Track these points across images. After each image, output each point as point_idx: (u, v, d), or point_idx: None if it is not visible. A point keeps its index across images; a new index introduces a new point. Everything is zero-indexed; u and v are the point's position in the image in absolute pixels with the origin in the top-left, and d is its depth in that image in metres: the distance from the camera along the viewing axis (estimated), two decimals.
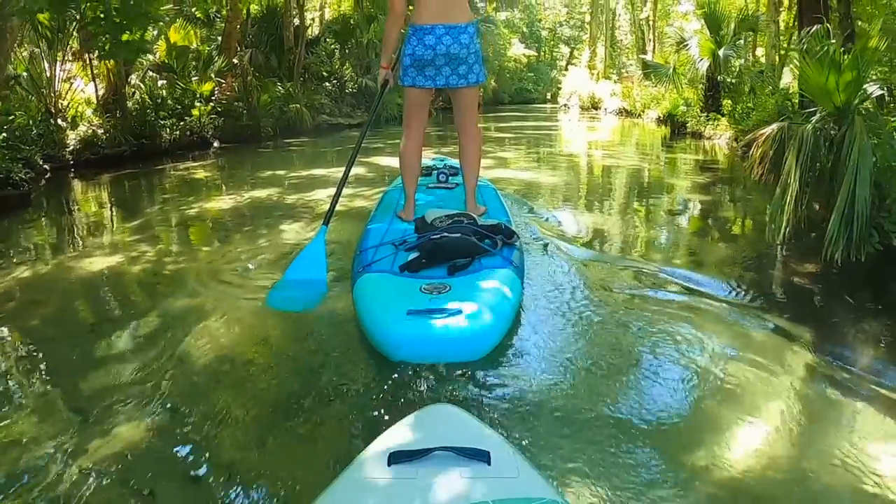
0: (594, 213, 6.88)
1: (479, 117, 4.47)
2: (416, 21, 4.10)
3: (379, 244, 3.75)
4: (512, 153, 12.54)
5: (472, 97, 4.40)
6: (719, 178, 9.69)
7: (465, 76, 4.19)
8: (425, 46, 4.05)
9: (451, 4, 4.07)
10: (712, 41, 15.98)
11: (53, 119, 11.69)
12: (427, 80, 4.18)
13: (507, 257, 3.56)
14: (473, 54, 4.16)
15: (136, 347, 3.31)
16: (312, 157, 12.62)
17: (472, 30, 4.13)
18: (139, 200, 8.13)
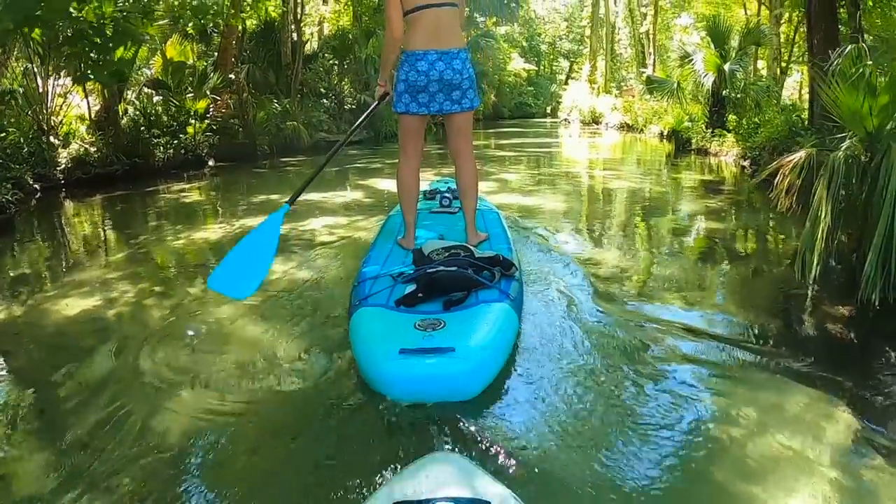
0: (599, 242, 6.47)
1: (479, 133, 4.16)
2: (409, 47, 4.10)
3: (377, 275, 3.72)
4: (514, 174, 12.04)
5: (467, 122, 4.37)
6: (732, 201, 9.28)
7: (459, 101, 4.18)
8: (418, 72, 4.06)
9: (444, 30, 4.08)
10: (717, 56, 15.66)
11: (46, 136, 11.41)
12: (421, 107, 4.17)
13: (505, 290, 3.51)
14: (467, 79, 4.16)
15: (102, 421, 2.92)
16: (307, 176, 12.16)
17: (464, 55, 4.15)
18: (126, 228, 7.74)
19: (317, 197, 8.72)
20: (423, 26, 4.06)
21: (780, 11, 21.60)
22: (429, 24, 4.06)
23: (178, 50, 15.85)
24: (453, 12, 4.15)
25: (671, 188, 10.63)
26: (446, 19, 4.10)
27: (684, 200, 9.34)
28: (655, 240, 6.72)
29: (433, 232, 4.71)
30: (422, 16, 4.06)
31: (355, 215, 7.31)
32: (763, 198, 9.64)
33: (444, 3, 4.09)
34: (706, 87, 16.05)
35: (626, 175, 12.23)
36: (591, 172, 13.21)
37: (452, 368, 2.84)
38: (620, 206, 8.79)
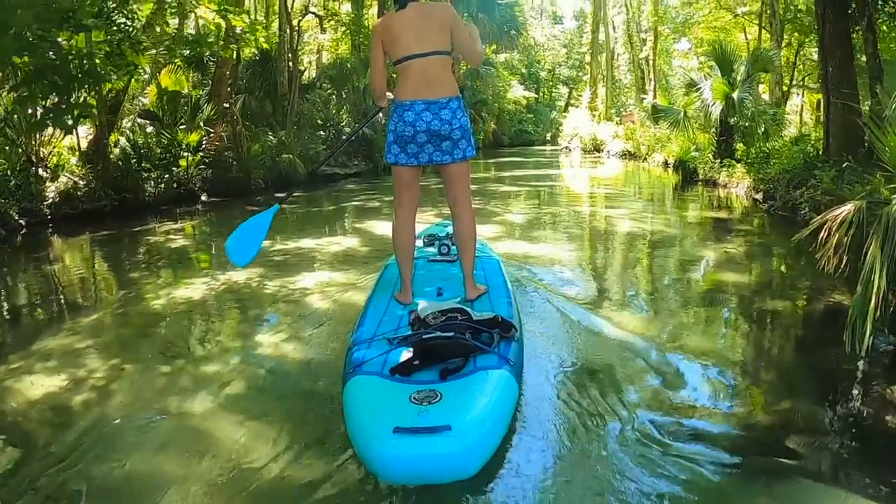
0: (606, 296, 5.84)
1: (478, 163, 3.71)
2: (397, 97, 4.05)
3: (372, 337, 3.59)
4: (515, 214, 11.33)
5: (461, 172, 4.21)
6: (752, 243, 8.64)
7: (450, 152, 4.06)
8: (405, 123, 3.98)
9: (432, 79, 3.99)
10: (725, 83, 15.21)
11: (35, 168, 11.03)
12: (410, 158, 4.07)
13: (504, 355, 3.34)
14: (458, 129, 4.02)
15: None
16: (304, 218, 11.55)
17: (454, 104, 4.02)
18: (107, 279, 7.22)
19: (310, 244, 8.12)
20: (411, 76, 4.00)
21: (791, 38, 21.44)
22: (416, 74, 3.99)
23: (173, 79, 15.48)
24: (443, 61, 4.06)
25: (684, 229, 9.97)
26: (434, 68, 4.01)
27: (700, 245, 8.68)
28: (671, 296, 5.99)
29: (431, 284, 4.57)
30: (409, 66, 4.01)
31: (350, 269, 6.53)
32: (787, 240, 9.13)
33: (432, 52, 4.00)
34: (714, 116, 15.53)
35: (635, 213, 11.58)
36: (597, 211, 12.44)
37: (449, 448, 2.68)
38: (631, 254, 8.10)
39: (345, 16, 26.71)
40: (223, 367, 4.13)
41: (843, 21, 11.00)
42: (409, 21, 4.02)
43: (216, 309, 5.55)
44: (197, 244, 9.18)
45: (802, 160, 11.74)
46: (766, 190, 12.00)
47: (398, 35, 4.02)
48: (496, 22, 29.63)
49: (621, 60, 45.65)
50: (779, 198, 10.80)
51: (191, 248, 8.79)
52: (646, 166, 24.11)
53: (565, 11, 67.60)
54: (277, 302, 5.56)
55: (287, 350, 4.40)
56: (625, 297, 5.83)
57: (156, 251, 8.51)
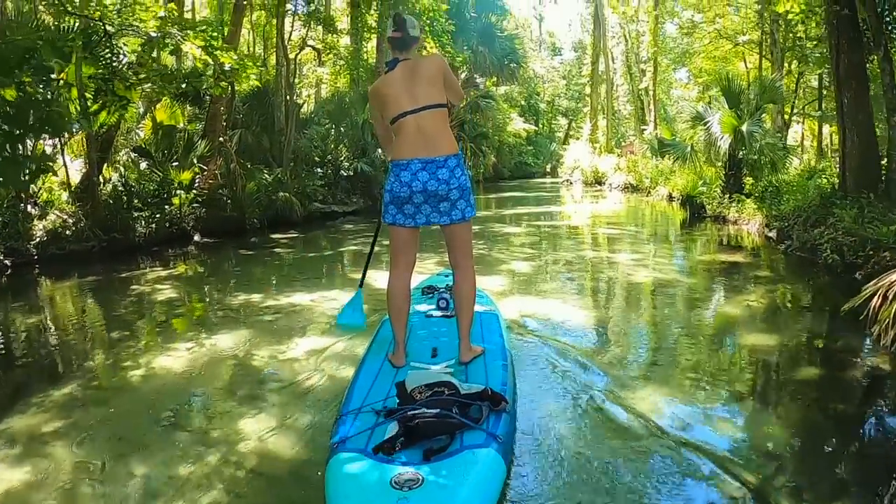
0: (618, 364, 5.14)
1: (480, 199, 3.26)
2: (395, 156, 3.95)
3: (360, 407, 3.50)
4: (519, 261, 10.42)
5: (461, 232, 4.10)
6: (776, 294, 7.91)
7: (448, 213, 3.97)
8: (401, 183, 3.89)
9: (428, 136, 3.89)
10: (734, 116, 14.77)
11: (23, 205, 10.66)
12: (407, 219, 3.98)
13: (493, 431, 3.22)
14: (456, 189, 3.92)
15: None
16: (299, 264, 11.01)
17: (453, 162, 3.91)
18: (84, 339, 6.56)
19: (304, 299, 7.51)
20: (407, 134, 3.91)
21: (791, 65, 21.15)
22: (411, 131, 3.90)
23: (168, 113, 15.11)
24: (437, 115, 3.95)
25: (699, 277, 9.21)
26: (430, 124, 3.91)
27: (719, 297, 7.93)
28: (690, 365, 5.20)
29: (426, 343, 4.45)
30: (404, 124, 3.92)
31: (346, 332, 5.75)
32: (812, 288, 8.58)
33: (426, 107, 3.92)
34: (723, 150, 15.08)
35: (645, 257, 10.82)
36: (605, 256, 11.45)
37: None
38: (644, 311, 7.34)
39: (343, 49, 26.41)
40: (200, 467, 3.55)
41: (858, 51, 10.64)
42: (399, 80, 3.97)
43: (198, 384, 4.93)
44: (185, 295, 8.53)
45: (818, 196, 11.29)
46: (780, 227, 11.51)
47: (390, 95, 3.98)
48: (496, 54, 29.41)
49: (620, 91, 45.53)
50: (796, 237, 10.28)
51: (178, 300, 8.10)
52: (650, 200, 23.65)
53: (564, 43, 67.83)
54: (265, 379, 4.92)
55: (272, 445, 3.79)
56: (636, 365, 5.20)
57: (141, 304, 7.96)
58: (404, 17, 4.09)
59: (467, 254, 4.15)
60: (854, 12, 10.55)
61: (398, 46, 4.05)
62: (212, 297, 8.50)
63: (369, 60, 25.16)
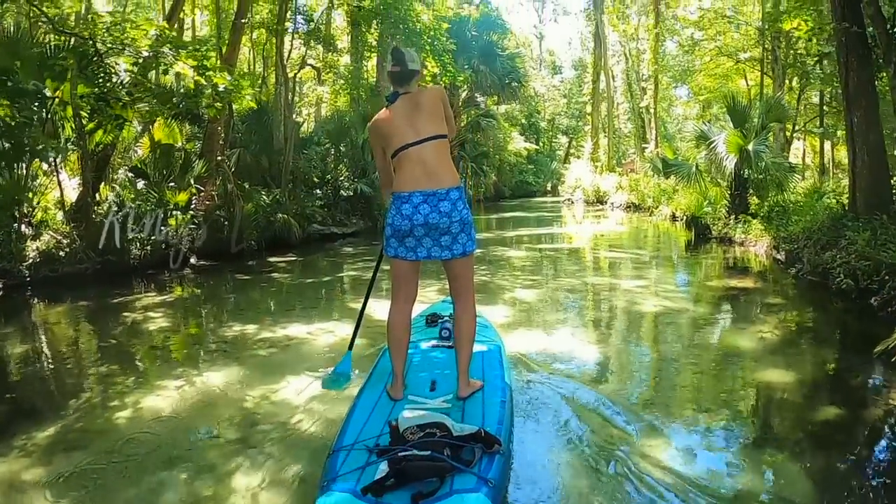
0: (625, 404, 4.82)
1: (480, 220, 3.06)
2: (395, 188, 3.91)
3: (353, 443, 3.43)
4: (523, 289, 9.92)
5: (461, 267, 4.03)
6: (790, 323, 7.58)
7: (449, 247, 3.90)
8: (402, 217, 3.84)
9: (430, 168, 3.85)
10: (740, 136, 14.53)
11: (17, 224, 10.51)
12: (408, 252, 3.92)
13: (484, 474, 3.14)
14: (457, 223, 3.86)
15: None
16: (296, 291, 10.60)
17: (455, 195, 3.86)
18: (72, 372, 6.24)
19: (300, 331, 7.17)
20: (408, 166, 3.86)
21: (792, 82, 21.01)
22: (412, 163, 3.85)
23: (167, 132, 14.90)
24: (439, 145, 3.91)
25: (709, 306, 8.86)
26: (431, 155, 3.86)
27: (731, 328, 7.51)
28: (705, 407, 4.86)
29: (426, 375, 4.34)
30: (405, 156, 3.87)
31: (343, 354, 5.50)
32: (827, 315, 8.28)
33: (427, 138, 3.87)
34: (729, 170, 14.82)
35: (651, 284, 10.35)
36: (610, 283, 10.81)
37: None
38: (654, 345, 6.89)
39: (343, 68, 26.28)
40: None
41: (867, 68, 10.45)
42: (400, 113, 3.92)
43: (186, 429, 4.62)
44: (178, 324, 8.24)
45: (827, 217, 11.03)
46: (788, 250, 11.26)
47: (391, 128, 3.93)
48: (497, 73, 29.22)
49: (620, 110, 45.53)
50: (806, 261, 10.01)
51: (170, 330, 7.79)
52: (652, 220, 23.42)
53: (564, 61, 67.99)
54: (257, 422, 4.59)
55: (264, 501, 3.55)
56: (644, 407, 4.84)
57: (133, 334, 7.65)
58: (403, 50, 4.06)
59: (468, 288, 4.10)
60: (863, 29, 10.36)
61: (398, 80, 4.01)
62: (205, 327, 8.21)
63: (369, 79, 25.02)
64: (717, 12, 26.24)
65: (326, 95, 27.57)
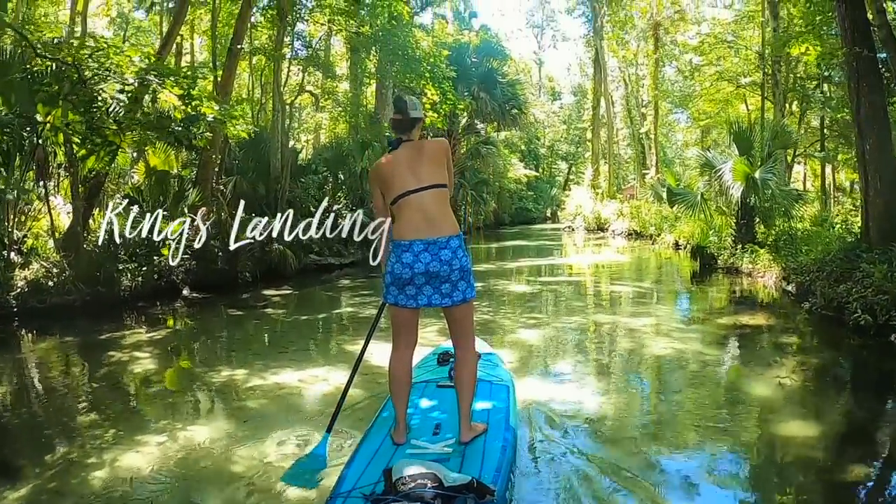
0: (631, 455, 4.59)
1: (480, 248, 2.81)
2: (396, 236, 3.91)
3: (351, 490, 3.43)
4: (527, 328, 9.37)
5: (462, 314, 4.01)
6: (808, 366, 7.17)
7: (449, 295, 3.88)
8: (403, 265, 3.82)
9: (430, 216, 3.85)
10: (746, 163, 14.20)
11: (6, 252, 10.34)
12: (409, 300, 3.89)
13: None
14: (457, 271, 3.86)
15: None
16: (289, 329, 10.14)
17: (455, 243, 3.86)
18: (52, 424, 5.81)
19: (292, 379, 6.70)
20: (409, 213, 3.86)
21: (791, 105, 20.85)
22: (413, 211, 3.85)
23: (162, 158, 14.59)
24: (439, 194, 3.93)
25: (721, 348, 8.29)
26: (432, 203, 3.88)
27: (746, 373, 6.97)
28: (722, 468, 4.55)
29: (431, 417, 4.31)
30: (406, 203, 3.87)
31: (337, 426, 4.56)
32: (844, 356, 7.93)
33: (428, 186, 3.88)
34: (735, 198, 14.47)
35: (661, 322, 9.71)
36: (618, 322, 10.04)
37: None
38: (662, 391, 6.48)
39: (342, 95, 26.06)
40: None
41: (879, 94, 10.22)
42: (402, 160, 3.93)
43: (165, 493, 4.24)
44: (165, 366, 7.82)
45: (839, 247, 10.70)
46: (799, 282, 10.91)
47: (392, 174, 3.92)
48: (498, 100, 29.01)
49: (620, 135, 45.42)
50: (819, 294, 9.64)
51: (156, 374, 7.38)
52: (655, 248, 23.08)
53: (563, 87, 68.02)
54: (243, 487, 4.24)
55: None
56: (658, 469, 4.47)
57: (117, 377, 7.27)
58: (405, 98, 4.07)
59: (468, 334, 4.06)
60: (874, 54, 10.11)
61: (400, 128, 4.02)
62: (193, 371, 7.72)
63: (368, 106, 24.80)
64: (717, 37, 26.15)
65: (325, 122, 27.36)
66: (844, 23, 10.51)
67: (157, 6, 22.22)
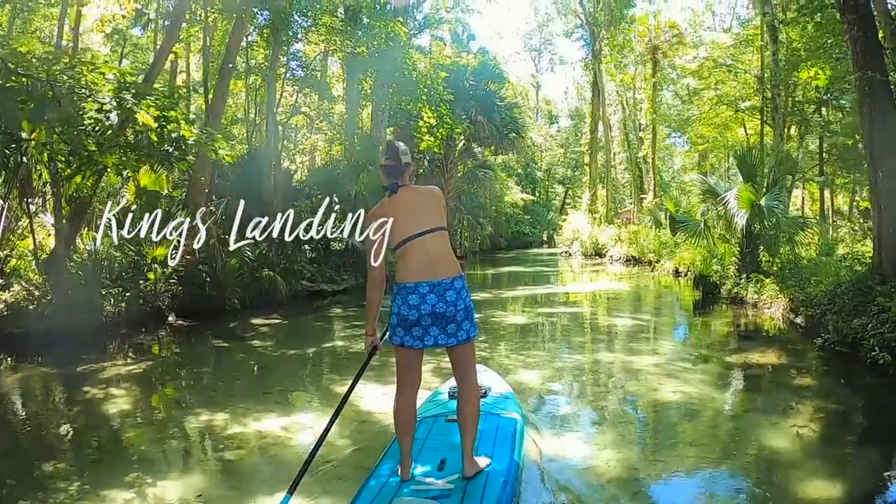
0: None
1: (476, 274, 2.55)
2: (400, 279, 4.01)
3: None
4: (528, 369, 8.59)
5: (465, 352, 4.12)
6: (826, 412, 6.71)
7: (455, 334, 3.99)
8: (409, 306, 3.92)
9: (434, 259, 3.98)
10: (751, 190, 13.74)
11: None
12: (415, 341, 3.98)
13: None
14: (462, 311, 3.98)
15: None
16: (273, 365, 9.37)
17: (459, 284, 4.01)
18: (13, 468, 5.30)
19: (274, 427, 6.09)
20: (413, 258, 3.98)
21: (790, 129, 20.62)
22: (418, 255, 3.97)
23: (153, 178, 14.17)
24: (441, 237, 4.06)
25: (732, 392, 7.73)
26: (435, 246, 4.01)
27: (761, 421, 6.37)
28: None
29: (437, 452, 4.39)
30: (410, 248, 3.99)
31: (322, 491, 4.44)
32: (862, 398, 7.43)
33: (430, 230, 4.01)
34: (740, 226, 14.00)
35: (667, 362, 8.98)
36: (619, 357, 9.51)
37: None
38: (674, 444, 5.85)
39: (337, 117, 25.70)
40: None
41: (892, 119, 9.83)
42: (402, 204, 4.03)
43: None
44: (141, 407, 7.22)
45: (851, 278, 10.27)
46: (809, 314, 10.48)
47: (394, 220, 3.96)
48: (496, 124, 28.62)
49: (617, 159, 45.23)
50: (832, 329, 9.19)
51: (131, 415, 6.80)
52: (654, 275, 22.62)
53: (561, 110, 68.00)
54: None
55: None
56: None
57: (90, 417, 6.79)
58: (396, 144, 4.21)
59: (471, 371, 4.14)
60: (887, 77, 9.74)
61: (392, 174, 4.12)
62: (170, 413, 7.08)
63: (364, 129, 24.44)
64: (716, 61, 25.97)
65: (321, 143, 27.00)
66: (856, 45, 10.16)
67: (152, 23, 21.97)
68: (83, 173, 10.54)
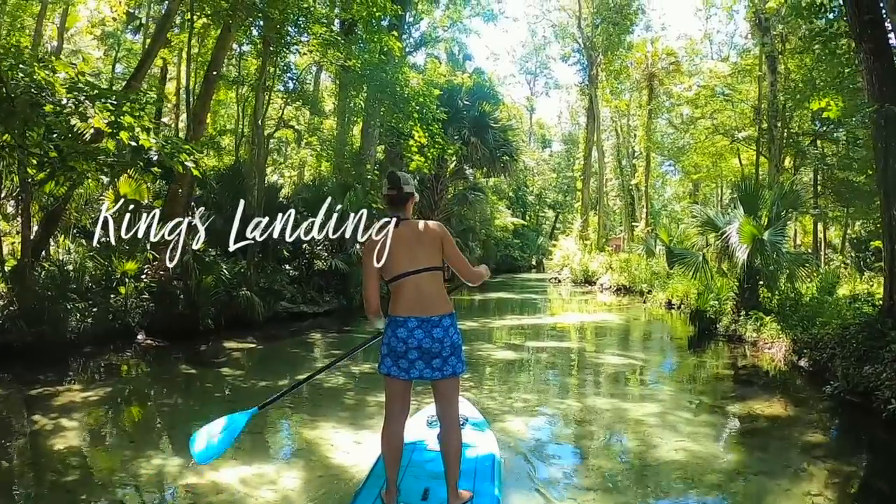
0: None
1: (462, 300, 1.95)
2: (392, 312, 4.10)
3: None
4: (514, 413, 7.82)
5: (449, 388, 4.17)
6: (843, 475, 6.08)
7: (440, 369, 4.06)
8: (398, 339, 4.02)
9: (425, 296, 4.05)
10: (753, 225, 13.17)
11: None
12: (402, 372, 4.07)
13: None
14: (448, 347, 4.06)
15: None
16: (244, 400, 7.81)
17: (447, 322, 4.07)
18: None
19: (233, 479, 5.32)
20: (405, 294, 4.06)
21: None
22: (410, 291, 4.06)
23: (133, 186, 13.56)
24: (434, 277, 4.12)
25: (736, 446, 7.06)
26: (427, 284, 4.08)
27: (770, 486, 5.69)
28: None
29: (422, 481, 4.46)
30: (403, 284, 4.08)
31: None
32: (880, 457, 6.86)
33: (424, 269, 4.08)
34: (741, 261, 13.40)
35: (662, 403, 8.51)
36: (617, 404, 8.50)
37: None
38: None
39: (327, 132, 25.12)
40: None
41: None
42: (401, 241, 4.07)
43: None
44: (92, 442, 6.54)
45: (860, 322, 9.70)
46: (814, 358, 9.90)
47: (391, 253, 4.02)
48: (489, 146, 28.15)
49: (609, 186, 44.92)
50: (841, 375, 8.61)
51: (78, 453, 6.08)
52: (646, 306, 22.02)
53: (554, 135, 67.84)
54: None
55: None
56: None
57: (35, 454, 6.12)
58: (398, 174, 4.27)
59: (454, 407, 4.19)
60: None
61: (394, 204, 4.20)
62: (122, 454, 6.24)
63: (354, 145, 23.90)
64: (714, 90, 25.72)
65: (310, 158, 26.44)
66: (871, 76, 9.67)
67: (144, 28, 21.49)
68: (56, 179, 9.99)
